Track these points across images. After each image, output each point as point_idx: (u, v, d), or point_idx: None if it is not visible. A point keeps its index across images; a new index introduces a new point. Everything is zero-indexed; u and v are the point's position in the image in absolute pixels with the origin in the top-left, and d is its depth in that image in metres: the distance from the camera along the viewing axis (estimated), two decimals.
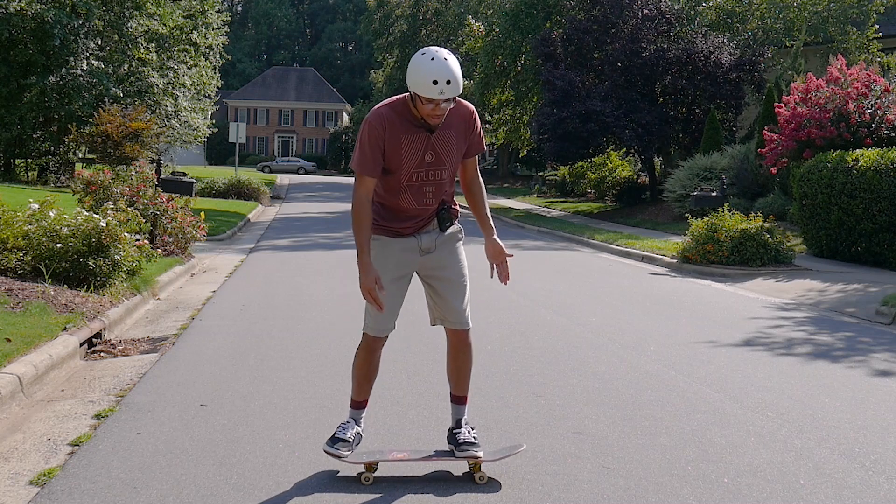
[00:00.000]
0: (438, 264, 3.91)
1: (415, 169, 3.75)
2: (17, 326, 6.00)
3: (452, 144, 3.80)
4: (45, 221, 8.15)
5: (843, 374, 6.12)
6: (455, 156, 3.84)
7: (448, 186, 3.91)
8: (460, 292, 3.93)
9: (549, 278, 11.59)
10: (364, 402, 4.03)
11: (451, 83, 3.52)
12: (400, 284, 3.91)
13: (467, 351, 3.98)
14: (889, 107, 14.99)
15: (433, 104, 3.58)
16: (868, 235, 13.01)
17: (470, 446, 3.84)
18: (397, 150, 3.72)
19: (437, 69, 3.51)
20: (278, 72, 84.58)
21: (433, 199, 3.84)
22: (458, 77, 3.55)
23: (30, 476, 3.82)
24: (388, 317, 3.88)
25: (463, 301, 3.94)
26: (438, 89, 3.51)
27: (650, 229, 20.31)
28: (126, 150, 21.96)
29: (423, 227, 3.90)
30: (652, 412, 4.94)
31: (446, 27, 50.74)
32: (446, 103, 3.62)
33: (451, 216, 3.93)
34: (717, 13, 27.42)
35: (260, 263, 12.68)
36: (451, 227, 3.94)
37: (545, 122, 24.84)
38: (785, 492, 3.75)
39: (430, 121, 3.67)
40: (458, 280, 3.93)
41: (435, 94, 3.53)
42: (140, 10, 27.56)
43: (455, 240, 3.98)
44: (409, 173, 3.76)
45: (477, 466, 3.83)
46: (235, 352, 6.43)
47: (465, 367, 4.00)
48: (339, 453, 3.80)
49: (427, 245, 3.88)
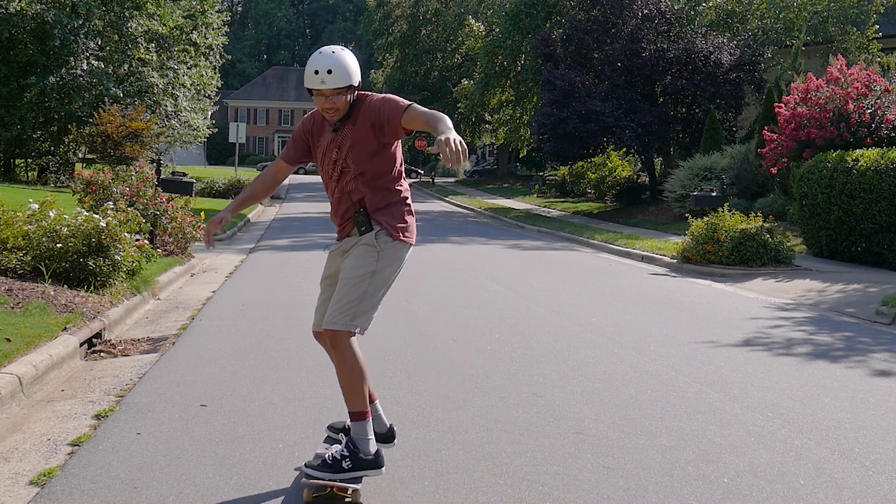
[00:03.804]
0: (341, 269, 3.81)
1: (325, 166, 3.86)
2: (17, 326, 6.00)
3: (355, 139, 3.71)
4: (45, 221, 8.15)
5: (843, 374, 6.12)
6: (358, 150, 3.71)
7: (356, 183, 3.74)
8: (341, 290, 3.67)
9: (549, 278, 11.59)
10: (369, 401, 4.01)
11: (331, 73, 3.58)
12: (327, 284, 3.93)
13: (337, 357, 3.63)
14: (889, 107, 14.99)
15: (322, 97, 3.65)
16: (868, 235, 13.01)
17: (312, 468, 3.52)
18: (316, 147, 3.92)
19: (319, 60, 3.61)
20: (278, 72, 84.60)
21: (339, 191, 3.80)
22: (344, 68, 3.59)
23: (30, 476, 3.82)
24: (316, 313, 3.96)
25: (339, 299, 3.65)
26: (319, 79, 3.59)
27: (650, 229, 20.31)
28: (126, 150, 21.97)
29: (347, 233, 3.84)
30: (652, 412, 4.94)
31: (446, 27, 50.75)
32: (337, 97, 3.63)
33: (367, 220, 3.73)
34: (717, 13, 27.42)
35: (260, 263, 12.68)
36: (366, 231, 3.73)
37: (545, 122, 24.84)
38: (785, 492, 3.75)
39: (326, 115, 3.73)
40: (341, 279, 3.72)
41: (316, 84, 3.61)
42: (140, 10, 27.57)
43: (361, 244, 3.73)
44: (324, 169, 3.88)
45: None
46: (235, 352, 6.43)
47: (341, 376, 3.63)
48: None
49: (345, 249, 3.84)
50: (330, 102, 3.64)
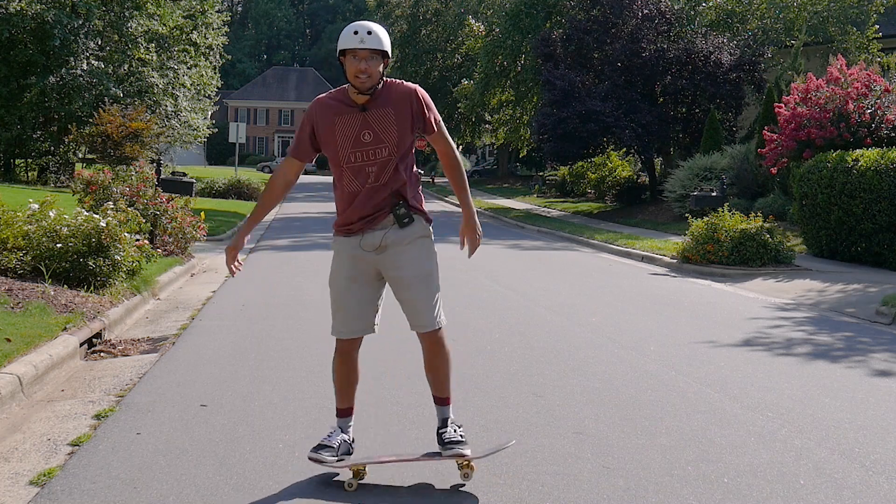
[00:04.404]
0: (395, 264, 3.78)
1: (352, 149, 3.73)
2: (17, 326, 6.00)
3: (391, 122, 3.71)
4: (45, 221, 8.15)
5: (843, 374, 6.12)
6: (396, 135, 3.71)
7: (393, 168, 3.74)
8: (421, 292, 3.79)
9: (549, 278, 11.59)
10: (348, 409, 3.96)
11: (371, 34, 3.63)
12: (359, 285, 3.83)
13: (440, 351, 3.87)
14: (889, 107, 14.99)
15: (358, 59, 3.62)
16: (868, 235, 13.01)
17: (456, 444, 3.77)
18: (331, 131, 3.74)
19: (357, 24, 3.68)
20: (278, 72, 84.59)
21: (374, 179, 3.73)
22: (381, 34, 3.66)
23: (30, 476, 3.82)
24: (352, 318, 3.85)
25: (425, 301, 3.79)
26: (359, 38, 3.61)
27: (650, 229, 20.31)
28: (126, 150, 21.97)
29: (375, 224, 3.77)
30: (652, 412, 4.94)
31: (446, 27, 50.71)
32: (373, 60, 3.63)
33: (409, 211, 3.78)
34: (717, 13, 27.41)
35: (260, 263, 12.68)
36: (409, 222, 3.77)
37: (545, 122, 24.83)
38: (785, 492, 3.75)
39: (356, 82, 3.65)
40: (416, 280, 3.78)
41: (355, 43, 3.61)
42: (140, 10, 27.57)
43: (414, 237, 3.79)
44: (347, 154, 3.74)
45: (465, 464, 3.78)
46: (235, 352, 6.43)
47: (441, 368, 3.88)
48: (322, 458, 3.77)
49: (370, 242, 3.77)
50: (365, 64, 3.62)
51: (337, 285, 3.88)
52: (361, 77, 3.63)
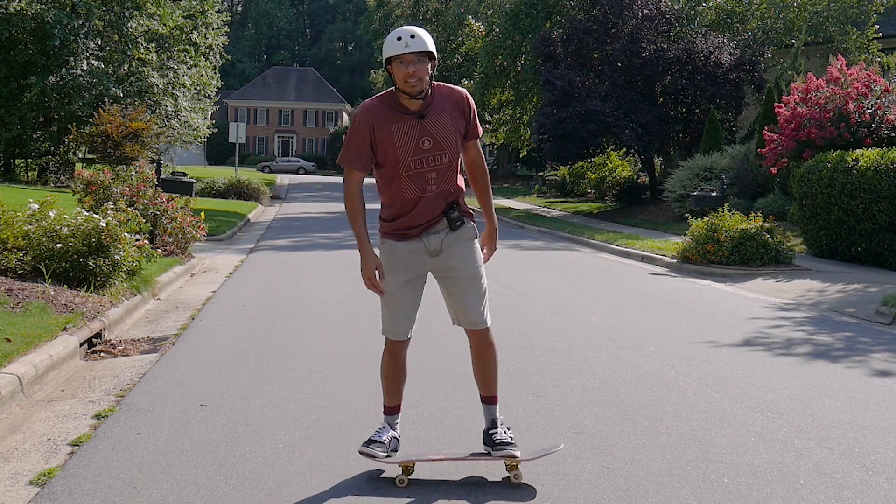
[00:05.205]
0: (449, 265, 3.88)
1: (412, 157, 3.73)
2: (17, 326, 6.00)
3: (448, 127, 3.77)
4: (45, 221, 8.15)
5: (843, 374, 6.12)
6: (453, 140, 3.79)
7: (452, 173, 3.83)
8: (473, 292, 3.90)
9: (548, 278, 11.59)
10: (396, 407, 4.02)
11: (415, 37, 3.63)
12: (412, 287, 3.89)
13: (488, 350, 3.95)
14: (889, 107, 14.99)
15: (405, 64, 3.62)
16: (868, 235, 13.01)
17: (506, 446, 3.82)
18: (389, 140, 3.73)
19: (400, 30, 3.69)
20: (278, 72, 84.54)
21: (436, 185, 3.79)
22: (425, 36, 3.65)
23: (30, 476, 3.82)
24: (405, 320, 3.90)
25: (477, 301, 3.91)
26: (403, 43, 3.61)
27: (650, 229, 20.31)
28: (126, 150, 21.95)
29: (430, 228, 3.84)
30: (652, 412, 4.94)
31: (446, 27, 50.68)
32: (420, 63, 3.63)
33: (461, 215, 3.87)
34: (717, 13, 27.42)
35: (260, 263, 12.68)
36: (461, 225, 3.87)
37: (545, 122, 24.83)
38: (785, 492, 3.75)
39: (407, 87, 3.64)
40: (469, 280, 3.89)
41: (400, 49, 3.61)
42: (140, 10, 27.55)
43: (467, 239, 3.91)
44: (408, 162, 3.73)
45: (513, 466, 3.81)
46: (235, 352, 6.43)
47: (489, 366, 3.96)
48: (374, 452, 3.80)
49: (434, 246, 3.84)
50: (413, 68, 3.62)
51: (391, 287, 3.87)
52: (412, 81, 3.63)
